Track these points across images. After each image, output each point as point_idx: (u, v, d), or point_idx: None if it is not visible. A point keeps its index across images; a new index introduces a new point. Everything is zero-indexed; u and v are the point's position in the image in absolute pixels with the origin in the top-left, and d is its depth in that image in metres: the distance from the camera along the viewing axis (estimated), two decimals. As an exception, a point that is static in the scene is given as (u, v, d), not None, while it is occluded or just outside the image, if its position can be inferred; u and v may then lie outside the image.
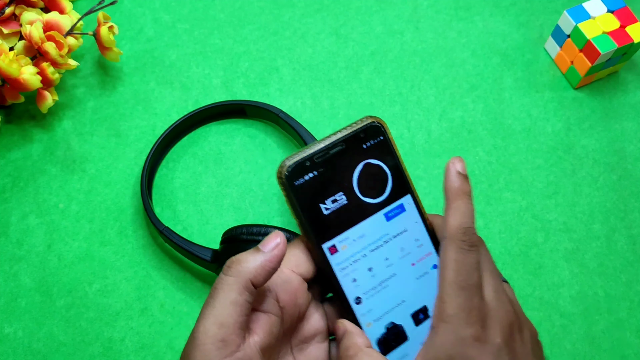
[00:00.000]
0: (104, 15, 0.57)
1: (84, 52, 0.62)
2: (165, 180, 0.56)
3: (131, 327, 0.50)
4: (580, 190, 0.57)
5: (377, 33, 0.64)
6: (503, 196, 0.57)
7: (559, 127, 0.60)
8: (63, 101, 0.59)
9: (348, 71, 0.62)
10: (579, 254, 0.54)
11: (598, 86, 0.62)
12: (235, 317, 0.30)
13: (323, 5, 0.65)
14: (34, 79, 0.53)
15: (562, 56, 0.61)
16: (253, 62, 0.62)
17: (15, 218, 0.54)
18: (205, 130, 0.59)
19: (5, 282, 0.52)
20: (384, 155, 0.34)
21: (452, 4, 0.66)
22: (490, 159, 0.58)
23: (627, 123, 0.60)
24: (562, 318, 0.52)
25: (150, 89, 0.60)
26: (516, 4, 0.66)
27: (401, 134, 0.59)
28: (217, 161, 0.57)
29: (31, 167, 0.56)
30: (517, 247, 0.54)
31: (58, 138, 0.58)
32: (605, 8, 0.59)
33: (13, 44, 0.55)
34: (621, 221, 0.56)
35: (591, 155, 0.59)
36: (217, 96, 0.60)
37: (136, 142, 0.58)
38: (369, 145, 0.34)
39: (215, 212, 0.55)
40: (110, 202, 0.55)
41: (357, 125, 0.34)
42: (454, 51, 0.63)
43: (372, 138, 0.34)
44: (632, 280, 0.54)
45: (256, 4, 0.65)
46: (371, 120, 0.34)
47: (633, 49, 0.59)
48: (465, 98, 0.61)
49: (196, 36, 0.63)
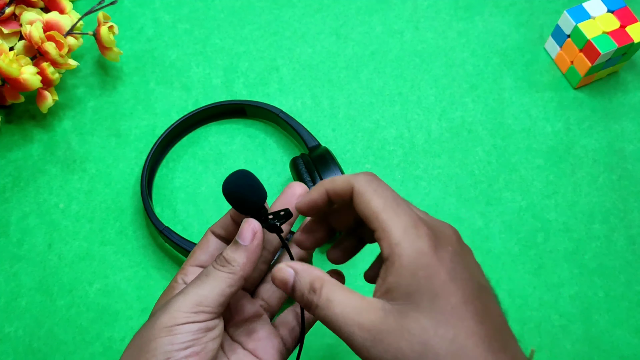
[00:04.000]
0: (104, 15, 0.57)
1: (84, 52, 0.62)
2: (165, 180, 0.56)
3: (131, 327, 0.51)
4: (580, 190, 0.57)
5: (377, 33, 0.64)
6: (503, 196, 0.57)
7: (558, 127, 0.60)
8: (63, 101, 0.59)
9: (348, 71, 0.62)
10: (578, 254, 0.54)
11: (598, 86, 0.62)
12: (220, 302, 0.32)
13: (323, 5, 0.65)
14: (34, 79, 0.53)
15: (562, 56, 0.61)
16: (253, 62, 0.62)
17: (16, 218, 0.54)
18: (205, 130, 0.59)
19: (6, 282, 0.52)
20: None
21: (452, 4, 0.66)
22: (490, 159, 0.58)
23: (627, 123, 0.60)
24: (562, 318, 0.52)
25: (150, 89, 0.60)
26: (516, 4, 0.66)
27: (401, 134, 0.59)
28: (217, 161, 0.57)
29: (31, 167, 0.56)
30: (517, 247, 0.54)
31: (58, 138, 0.58)
32: (605, 8, 0.59)
33: (13, 44, 0.55)
34: (621, 221, 0.56)
35: (591, 155, 0.59)
36: (217, 96, 0.60)
37: (136, 142, 0.58)
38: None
39: (215, 212, 0.55)
40: (110, 202, 0.55)
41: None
42: (454, 51, 0.63)
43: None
44: (632, 280, 0.54)
45: (256, 4, 0.65)
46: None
47: (633, 49, 0.59)
48: (465, 98, 0.61)
49: (196, 36, 0.63)
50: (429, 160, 0.58)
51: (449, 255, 0.30)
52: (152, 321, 0.32)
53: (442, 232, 0.31)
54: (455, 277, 0.29)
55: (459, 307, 0.28)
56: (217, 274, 0.33)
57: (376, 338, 0.29)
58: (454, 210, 0.56)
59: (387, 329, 0.29)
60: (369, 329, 0.29)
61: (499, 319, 0.30)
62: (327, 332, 0.51)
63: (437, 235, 0.30)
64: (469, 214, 0.56)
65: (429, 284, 0.29)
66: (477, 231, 0.55)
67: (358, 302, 0.30)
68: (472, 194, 0.57)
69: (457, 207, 0.56)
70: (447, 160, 0.58)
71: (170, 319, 0.31)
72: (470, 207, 0.56)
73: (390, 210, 0.30)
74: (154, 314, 0.33)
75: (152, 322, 0.32)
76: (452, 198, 0.56)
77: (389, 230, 0.30)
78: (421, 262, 0.29)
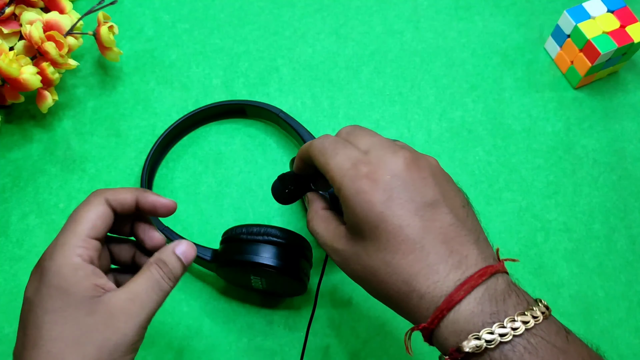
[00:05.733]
0: (104, 15, 0.57)
1: (84, 52, 0.62)
2: (165, 180, 0.56)
3: (131, 327, 0.50)
4: (580, 190, 0.57)
5: (377, 33, 0.64)
6: (503, 196, 0.57)
7: (558, 127, 0.60)
8: (63, 101, 0.59)
9: (348, 71, 0.62)
10: (578, 254, 0.54)
11: (598, 86, 0.62)
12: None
13: (323, 5, 0.65)
14: (34, 79, 0.53)
15: (562, 56, 0.61)
16: (253, 62, 0.62)
17: (15, 218, 0.54)
18: (205, 130, 0.59)
19: (5, 282, 0.52)
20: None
21: (452, 4, 0.66)
22: (490, 159, 0.58)
23: (627, 123, 0.60)
24: (562, 318, 0.52)
25: (150, 88, 0.60)
26: (516, 4, 0.66)
27: (401, 133, 0.59)
28: (217, 161, 0.57)
29: (31, 167, 0.56)
30: (517, 247, 0.54)
31: (58, 138, 0.58)
32: (605, 8, 0.59)
33: (13, 44, 0.55)
34: (621, 221, 0.56)
35: (591, 155, 0.59)
36: (217, 96, 0.60)
37: (136, 142, 0.58)
38: None
39: (215, 212, 0.55)
40: (110, 202, 0.55)
41: None
42: (454, 51, 0.63)
43: None
44: (632, 280, 0.54)
45: (256, 4, 0.65)
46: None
47: (633, 49, 0.59)
48: (465, 98, 0.61)
49: (196, 36, 0.63)
50: (429, 160, 0.58)
51: (387, 185, 0.34)
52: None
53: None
54: (390, 206, 0.33)
55: (394, 232, 0.33)
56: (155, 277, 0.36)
57: (344, 261, 0.36)
58: (454, 210, 0.56)
59: (348, 254, 0.36)
60: (339, 254, 0.36)
61: (445, 230, 0.33)
62: (327, 333, 0.51)
63: (379, 167, 0.34)
64: (469, 214, 0.56)
65: (368, 217, 0.34)
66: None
67: (332, 232, 0.38)
68: (472, 194, 0.56)
69: (457, 207, 0.56)
70: (447, 160, 0.58)
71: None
72: (471, 207, 0.56)
73: (331, 159, 0.36)
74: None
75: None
76: (452, 198, 0.56)
77: (332, 178, 0.36)
78: (359, 200, 0.34)
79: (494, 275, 0.32)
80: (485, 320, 0.31)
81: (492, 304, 0.31)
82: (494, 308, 0.31)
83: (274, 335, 0.50)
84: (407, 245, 0.33)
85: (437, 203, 0.34)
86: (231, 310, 0.51)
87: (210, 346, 0.50)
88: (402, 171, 0.34)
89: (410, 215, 0.33)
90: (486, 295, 0.31)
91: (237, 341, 0.50)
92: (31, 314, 0.33)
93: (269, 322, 0.51)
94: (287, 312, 0.51)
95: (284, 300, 0.52)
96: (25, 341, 0.33)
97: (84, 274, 0.33)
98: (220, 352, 0.50)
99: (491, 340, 0.30)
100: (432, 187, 0.34)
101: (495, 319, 0.31)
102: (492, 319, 0.31)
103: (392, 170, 0.34)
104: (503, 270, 0.33)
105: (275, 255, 0.45)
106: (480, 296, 0.31)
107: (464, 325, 0.31)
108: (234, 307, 0.51)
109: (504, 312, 0.31)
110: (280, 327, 0.51)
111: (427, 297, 0.32)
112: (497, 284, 0.32)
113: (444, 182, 0.35)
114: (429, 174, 0.35)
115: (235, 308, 0.51)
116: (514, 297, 0.32)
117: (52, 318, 0.32)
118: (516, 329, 0.30)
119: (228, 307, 0.51)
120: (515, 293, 0.32)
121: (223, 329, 0.51)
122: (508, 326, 0.30)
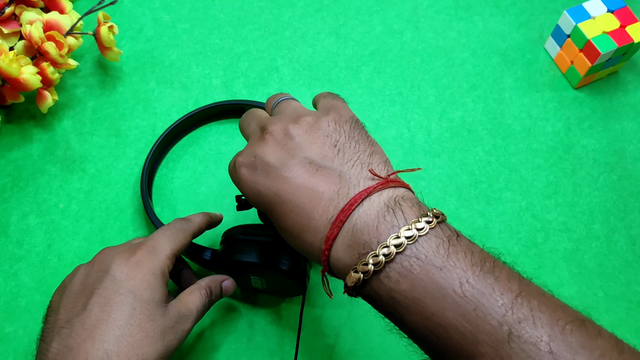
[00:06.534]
0: (104, 15, 0.57)
1: (84, 52, 0.62)
2: (165, 180, 0.56)
3: (131, 327, 0.50)
4: (580, 190, 0.57)
5: (377, 33, 0.64)
6: (503, 196, 0.57)
7: (558, 127, 0.60)
8: (63, 101, 0.59)
9: (348, 71, 0.62)
10: (578, 254, 0.54)
11: (598, 86, 0.62)
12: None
13: (323, 5, 0.65)
14: (34, 79, 0.53)
15: (562, 56, 0.61)
16: (253, 62, 0.62)
17: (15, 218, 0.54)
18: (205, 130, 0.59)
19: (5, 282, 0.52)
20: None
21: (452, 4, 0.66)
22: (490, 159, 0.58)
23: (627, 123, 0.60)
24: (562, 318, 0.52)
25: (150, 89, 0.60)
26: (516, 4, 0.66)
27: (401, 133, 0.59)
28: (217, 161, 0.57)
29: (31, 167, 0.56)
30: (517, 247, 0.54)
31: (58, 138, 0.58)
32: (605, 8, 0.59)
33: (13, 44, 0.55)
34: (621, 221, 0.56)
35: (591, 155, 0.59)
36: (217, 96, 0.60)
37: (136, 142, 0.58)
38: None
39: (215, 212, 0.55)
40: (110, 202, 0.55)
41: None
42: (454, 51, 0.63)
43: None
44: (632, 280, 0.54)
45: (256, 4, 0.65)
46: None
47: (633, 49, 0.59)
48: (465, 98, 0.61)
49: (196, 36, 0.63)
50: (429, 160, 0.58)
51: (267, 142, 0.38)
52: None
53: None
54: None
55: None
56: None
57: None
58: (454, 210, 0.56)
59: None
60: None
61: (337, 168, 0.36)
62: (327, 332, 0.51)
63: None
64: (469, 213, 0.56)
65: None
66: (477, 231, 0.55)
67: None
68: (472, 194, 0.57)
69: (457, 207, 0.56)
70: (447, 160, 0.58)
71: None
72: (470, 207, 0.56)
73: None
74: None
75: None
76: (452, 198, 0.56)
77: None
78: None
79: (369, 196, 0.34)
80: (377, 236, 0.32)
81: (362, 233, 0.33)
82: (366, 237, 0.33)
83: (274, 335, 0.51)
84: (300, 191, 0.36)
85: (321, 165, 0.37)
86: (231, 310, 0.51)
87: (210, 346, 0.50)
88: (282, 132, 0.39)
89: (300, 167, 0.37)
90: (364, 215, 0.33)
91: (237, 341, 0.50)
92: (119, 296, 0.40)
93: (269, 322, 0.51)
94: (287, 312, 0.51)
95: (283, 300, 0.52)
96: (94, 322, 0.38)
97: (164, 283, 0.42)
98: (220, 352, 0.50)
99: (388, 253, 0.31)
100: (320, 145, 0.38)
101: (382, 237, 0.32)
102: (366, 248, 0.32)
103: (276, 131, 0.39)
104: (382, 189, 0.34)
105: (275, 255, 0.45)
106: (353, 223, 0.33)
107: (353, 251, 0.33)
108: (234, 307, 0.51)
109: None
110: (280, 327, 0.51)
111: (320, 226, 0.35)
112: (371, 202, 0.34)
113: (318, 135, 0.39)
114: (300, 138, 0.38)
115: (235, 308, 0.51)
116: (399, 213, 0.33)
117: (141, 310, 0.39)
118: (399, 245, 0.31)
119: (228, 307, 0.51)
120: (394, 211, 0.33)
121: (223, 329, 0.51)
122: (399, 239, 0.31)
